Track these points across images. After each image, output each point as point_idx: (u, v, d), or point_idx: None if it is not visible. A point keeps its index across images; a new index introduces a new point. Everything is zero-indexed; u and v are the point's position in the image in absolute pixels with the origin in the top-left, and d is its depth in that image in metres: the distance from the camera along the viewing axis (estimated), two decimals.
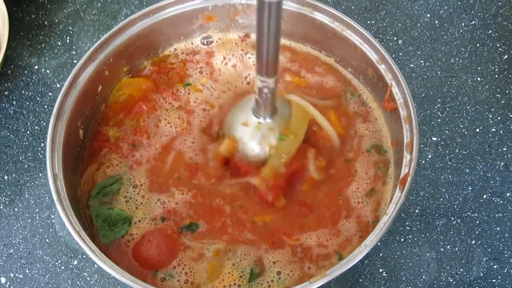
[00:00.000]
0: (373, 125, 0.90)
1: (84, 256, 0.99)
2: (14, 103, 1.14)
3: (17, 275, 0.98)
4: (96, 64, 0.86)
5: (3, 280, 0.97)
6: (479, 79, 1.13)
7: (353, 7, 1.22)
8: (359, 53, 0.86)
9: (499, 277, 0.97)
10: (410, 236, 0.99)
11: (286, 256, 0.82)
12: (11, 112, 1.13)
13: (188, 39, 0.98)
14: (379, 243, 0.98)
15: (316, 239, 0.83)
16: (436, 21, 1.20)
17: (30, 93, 1.15)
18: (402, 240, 0.99)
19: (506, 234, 0.99)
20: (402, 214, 1.01)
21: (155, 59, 0.96)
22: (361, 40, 0.85)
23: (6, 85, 1.15)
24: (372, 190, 0.85)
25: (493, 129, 1.08)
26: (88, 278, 0.97)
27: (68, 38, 1.22)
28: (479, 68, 1.14)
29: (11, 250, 1.00)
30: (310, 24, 0.90)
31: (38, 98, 1.14)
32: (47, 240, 1.01)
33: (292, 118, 0.84)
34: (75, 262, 0.99)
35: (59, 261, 0.99)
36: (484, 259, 0.97)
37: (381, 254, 0.98)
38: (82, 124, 0.87)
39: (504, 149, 1.06)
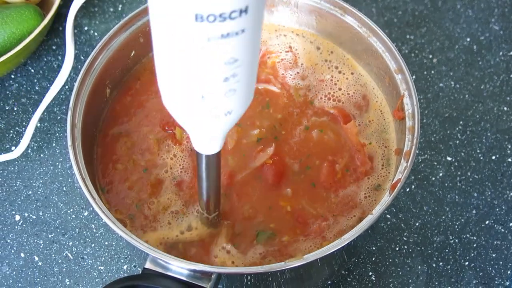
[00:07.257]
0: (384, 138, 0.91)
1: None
2: (59, 58, 1.21)
3: (31, 215, 1.04)
4: (132, 29, 0.91)
5: (17, 217, 1.04)
6: (505, 108, 1.14)
7: (395, 20, 1.24)
8: (380, 61, 0.89)
9: None
10: (406, 247, 1.02)
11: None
12: (55, 66, 1.20)
13: None
14: (373, 248, 1.01)
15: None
16: (475, 46, 1.21)
17: (76, 51, 1.22)
18: (397, 249, 1.01)
19: (501, 262, 1.00)
20: (402, 225, 1.03)
21: None
22: (384, 48, 0.88)
23: (55, 40, 1.23)
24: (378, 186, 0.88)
25: (509, 159, 1.09)
26: (94, 230, 1.03)
27: (120, 6, 1.28)
28: (508, 98, 1.15)
29: (30, 192, 1.06)
30: (340, 26, 0.93)
31: (82, 57, 1.21)
32: (64, 189, 1.07)
33: None
34: (85, 213, 1.05)
35: (71, 210, 1.05)
36: (474, 282, 0.99)
37: (373, 259, 1.01)
38: (110, 84, 0.92)
39: None
